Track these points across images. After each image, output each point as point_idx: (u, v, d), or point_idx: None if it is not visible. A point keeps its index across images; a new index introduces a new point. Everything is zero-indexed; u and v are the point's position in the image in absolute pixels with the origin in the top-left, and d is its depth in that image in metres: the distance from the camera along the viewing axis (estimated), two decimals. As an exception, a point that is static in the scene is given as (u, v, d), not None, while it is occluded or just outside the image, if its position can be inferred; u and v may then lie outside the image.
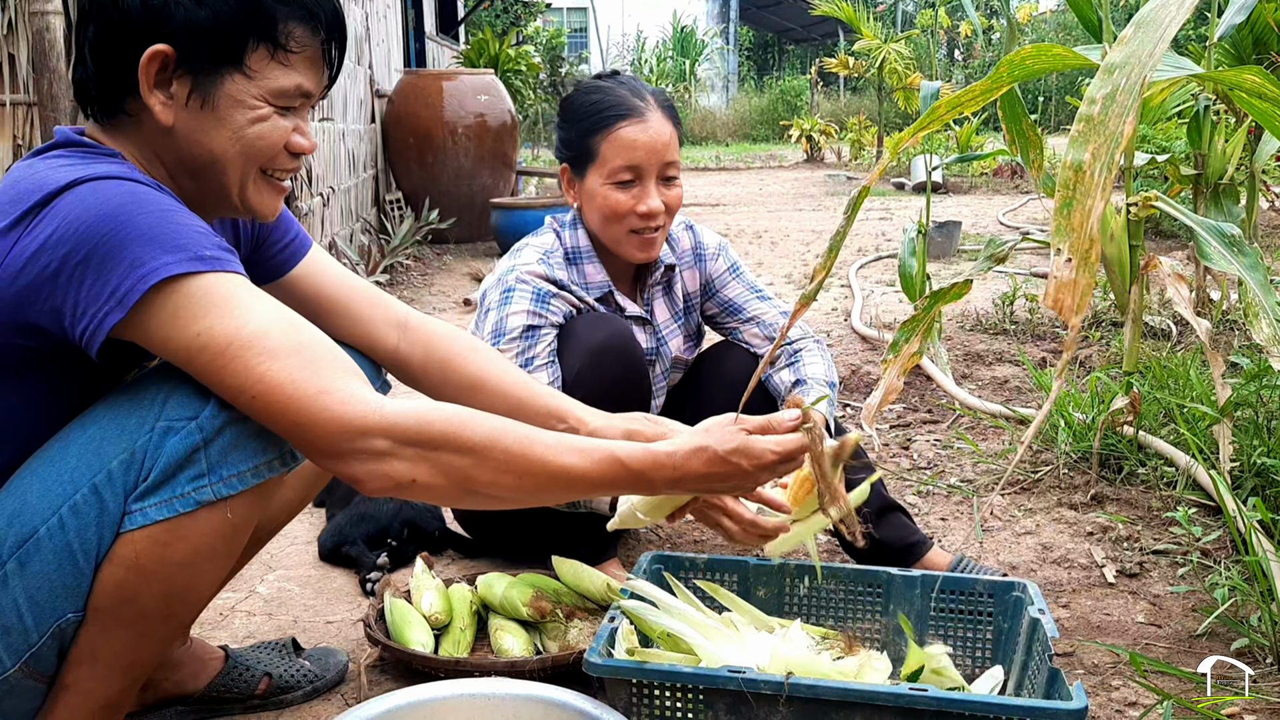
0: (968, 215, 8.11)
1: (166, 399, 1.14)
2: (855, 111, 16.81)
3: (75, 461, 1.14)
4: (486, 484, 1.16)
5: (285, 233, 1.48)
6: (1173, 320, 3.70)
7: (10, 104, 2.71)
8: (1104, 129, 1.21)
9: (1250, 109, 1.57)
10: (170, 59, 1.16)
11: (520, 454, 1.16)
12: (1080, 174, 1.21)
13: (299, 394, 1.09)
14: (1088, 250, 1.22)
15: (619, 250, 1.96)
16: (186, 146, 1.21)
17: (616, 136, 1.88)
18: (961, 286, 2.17)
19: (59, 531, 1.12)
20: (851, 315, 4.50)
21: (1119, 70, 1.22)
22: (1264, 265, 1.82)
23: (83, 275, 1.07)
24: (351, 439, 1.10)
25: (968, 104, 1.48)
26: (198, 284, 1.09)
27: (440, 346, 1.54)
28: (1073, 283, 1.23)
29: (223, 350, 1.09)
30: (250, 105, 1.20)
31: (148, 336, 1.10)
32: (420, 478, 1.13)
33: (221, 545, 1.18)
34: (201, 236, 1.12)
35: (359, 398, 1.11)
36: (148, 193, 1.12)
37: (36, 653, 1.15)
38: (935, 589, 1.61)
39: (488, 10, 13.96)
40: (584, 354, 1.84)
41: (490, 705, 1.27)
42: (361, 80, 6.80)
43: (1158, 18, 1.25)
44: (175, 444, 1.13)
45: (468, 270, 6.19)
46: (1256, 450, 2.24)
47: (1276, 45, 3.79)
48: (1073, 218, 1.22)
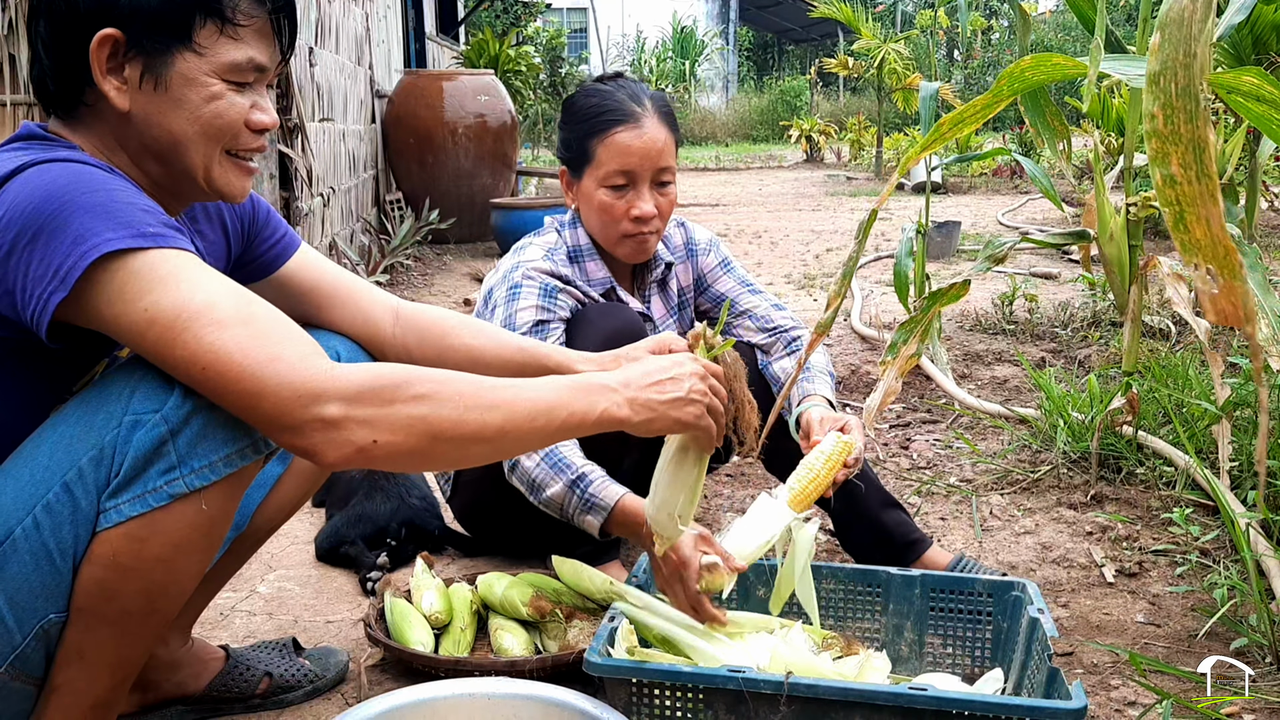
0: (967, 215, 8.12)
1: (133, 392, 1.13)
2: (855, 112, 16.82)
3: (47, 460, 1.13)
4: (450, 429, 1.11)
5: (275, 230, 1.49)
6: (1172, 320, 3.70)
7: (10, 104, 2.71)
8: (1179, 138, 1.19)
9: (1246, 113, 1.57)
10: (120, 43, 1.17)
11: (474, 388, 1.14)
12: (1178, 188, 1.20)
13: (249, 361, 1.06)
14: (1225, 257, 1.20)
15: (614, 251, 1.99)
16: (146, 130, 1.21)
17: (612, 141, 1.89)
18: (960, 287, 2.18)
19: (34, 532, 1.11)
20: (851, 315, 4.50)
21: (1163, 77, 1.21)
22: (1263, 265, 1.82)
23: (29, 254, 1.06)
24: (305, 405, 1.07)
25: (970, 120, 1.48)
26: (143, 259, 1.08)
27: (433, 327, 1.54)
28: (1226, 289, 1.21)
29: (171, 323, 1.07)
30: (203, 83, 1.19)
31: (97, 315, 1.09)
32: (381, 437, 1.09)
33: (199, 538, 1.17)
34: (146, 214, 1.11)
35: (310, 363, 1.08)
36: (93, 173, 1.12)
37: (21, 654, 1.14)
38: (934, 588, 1.62)
39: (488, 11, 13.96)
40: (598, 341, 1.86)
41: (490, 705, 1.27)
42: (362, 81, 6.80)
43: (1176, 17, 1.24)
44: (142, 437, 1.11)
45: (468, 270, 6.19)
46: (1254, 448, 2.25)
47: (1276, 45, 3.79)
48: (1194, 231, 1.20)
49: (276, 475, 1.53)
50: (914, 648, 1.63)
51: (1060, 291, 4.94)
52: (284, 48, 1.26)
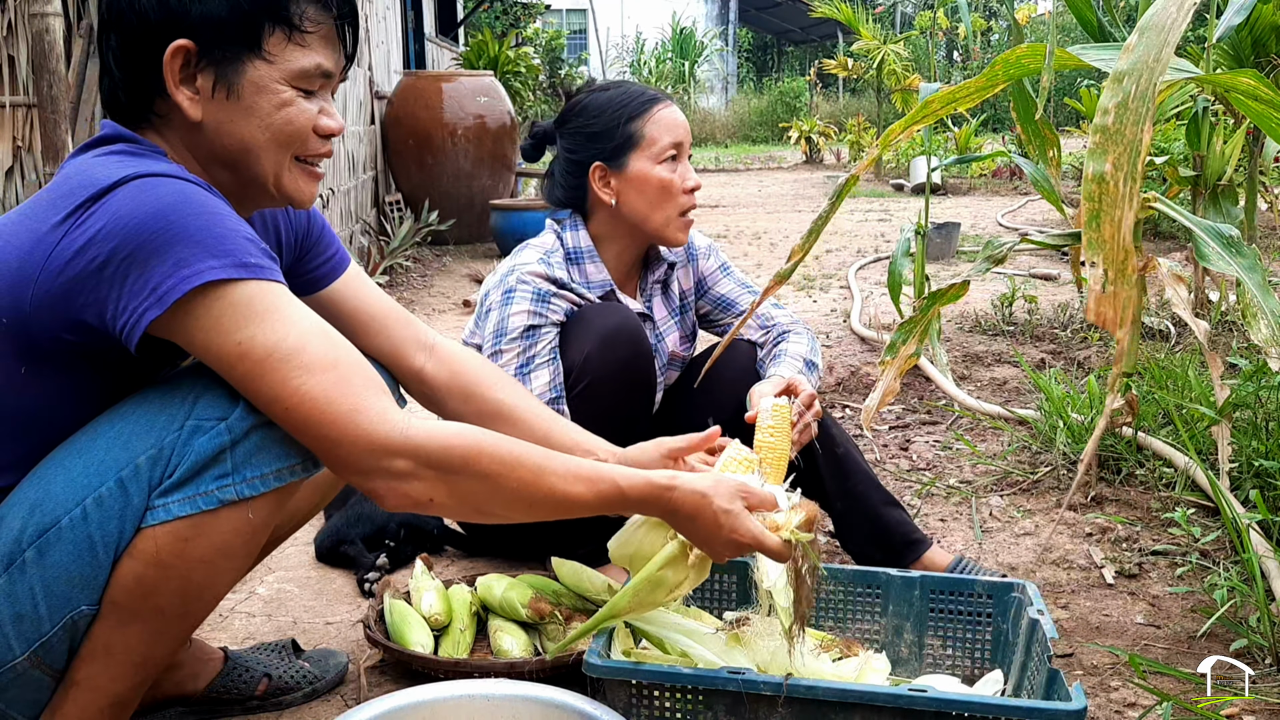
0: (967, 216, 8.12)
1: (197, 399, 1.17)
2: (854, 113, 16.80)
3: (103, 455, 1.15)
4: (498, 511, 1.24)
5: (327, 247, 1.50)
6: (1171, 321, 3.70)
7: (10, 106, 2.71)
8: (1121, 138, 1.21)
9: (1247, 110, 1.58)
10: (192, 53, 1.19)
11: (533, 482, 1.22)
12: (1104, 185, 1.21)
13: (332, 411, 1.13)
14: (1123, 261, 1.22)
15: (664, 233, 1.99)
16: (218, 139, 1.23)
17: (659, 117, 1.95)
18: (959, 288, 2.18)
19: (81, 523, 1.14)
20: (851, 316, 4.50)
21: (1128, 78, 1.22)
22: (1262, 266, 1.82)
23: (127, 271, 1.09)
24: (378, 458, 1.15)
25: (963, 100, 1.48)
26: (241, 291, 1.12)
27: (467, 371, 1.58)
28: (1113, 294, 1.23)
29: (261, 360, 1.12)
30: (274, 90, 1.22)
31: (188, 337, 1.13)
32: (438, 498, 1.19)
33: (240, 545, 1.20)
34: (248, 243, 1.14)
35: (388, 419, 1.15)
36: (198, 193, 1.14)
37: (47, 643, 1.16)
38: (934, 590, 1.61)
39: (487, 12, 13.95)
40: (596, 338, 1.87)
41: (490, 706, 1.27)
42: (361, 82, 6.80)
43: (1160, 22, 1.25)
44: (203, 443, 1.15)
45: (467, 272, 6.19)
46: (1254, 449, 2.25)
47: (1275, 46, 3.79)
48: (1103, 230, 1.22)
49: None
50: (914, 649, 1.63)
51: (1060, 292, 4.94)
52: (348, 54, 1.29)
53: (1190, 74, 1.93)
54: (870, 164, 1.52)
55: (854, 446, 2.00)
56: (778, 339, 2.08)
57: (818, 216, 1.52)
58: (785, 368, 1.94)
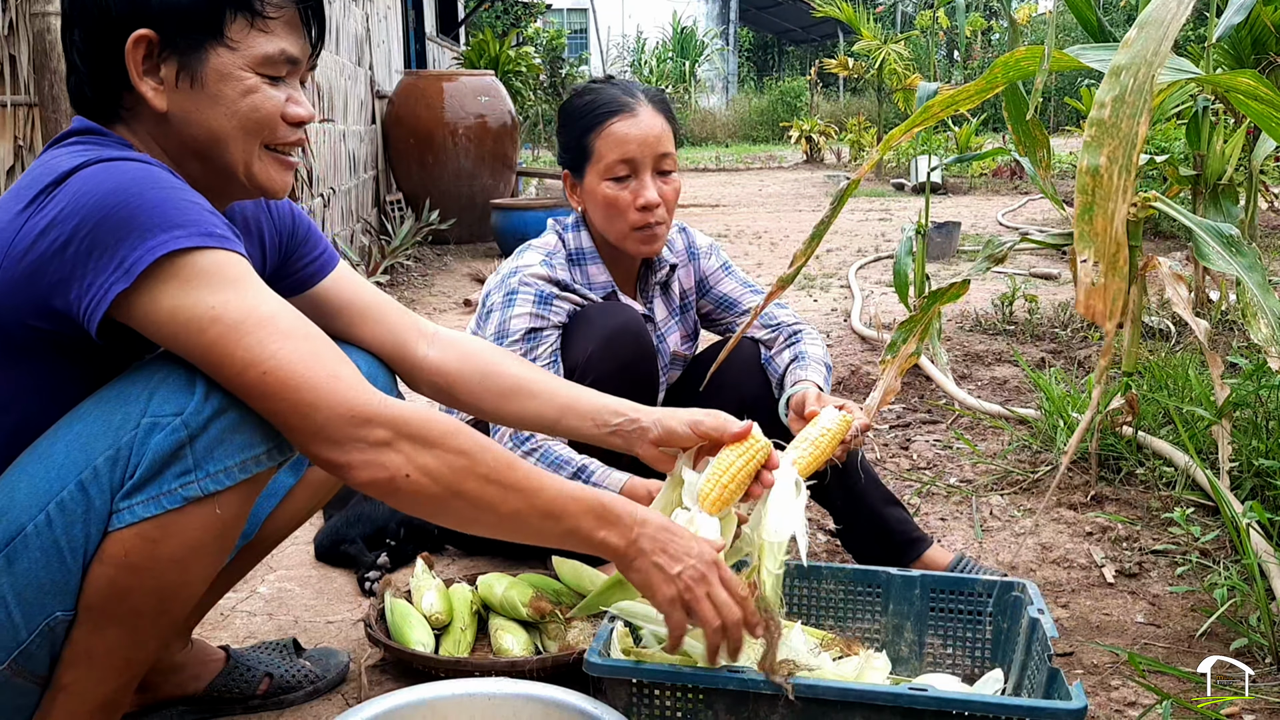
0: (967, 216, 8.12)
1: (152, 394, 1.14)
2: (855, 112, 16.80)
3: (62, 458, 1.13)
4: (472, 490, 1.16)
5: (315, 245, 1.49)
6: (1172, 321, 3.70)
7: (11, 105, 2.71)
8: (1117, 132, 1.21)
9: (1247, 110, 1.58)
10: (154, 43, 1.18)
11: (506, 464, 1.18)
12: (1098, 179, 1.21)
13: (310, 375, 1.10)
14: (1115, 254, 1.22)
15: (624, 246, 1.98)
16: (185, 129, 1.22)
17: (609, 132, 1.90)
18: (959, 287, 2.18)
19: (46, 529, 1.12)
20: (851, 316, 4.50)
21: (1125, 72, 1.22)
22: (1262, 265, 1.82)
23: (90, 247, 1.08)
24: (357, 425, 1.11)
25: (962, 102, 1.48)
26: (211, 258, 1.10)
27: (478, 352, 1.56)
28: (1103, 288, 1.23)
29: (237, 324, 1.09)
30: (238, 77, 1.21)
31: (155, 312, 1.09)
32: (414, 474, 1.13)
33: (212, 541, 1.18)
34: (211, 216, 1.13)
35: (367, 388, 1.13)
36: (159, 171, 1.13)
37: (26, 651, 1.14)
38: (934, 589, 1.62)
39: (488, 11, 13.96)
40: (599, 337, 1.87)
41: (490, 705, 1.27)
42: (362, 81, 6.80)
43: (1159, 18, 1.25)
44: (160, 440, 1.12)
45: (468, 271, 6.19)
46: (1254, 449, 2.25)
47: (1275, 46, 3.79)
48: (1095, 223, 1.22)
49: (288, 486, 1.53)
50: (914, 648, 1.63)
51: (1060, 292, 4.94)
52: (313, 40, 1.28)
53: (1190, 74, 1.93)
54: (870, 168, 1.52)
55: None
56: (790, 340, 2.06)
57: (819, 221, 1.52)
58: (814, 373, 1.93)
